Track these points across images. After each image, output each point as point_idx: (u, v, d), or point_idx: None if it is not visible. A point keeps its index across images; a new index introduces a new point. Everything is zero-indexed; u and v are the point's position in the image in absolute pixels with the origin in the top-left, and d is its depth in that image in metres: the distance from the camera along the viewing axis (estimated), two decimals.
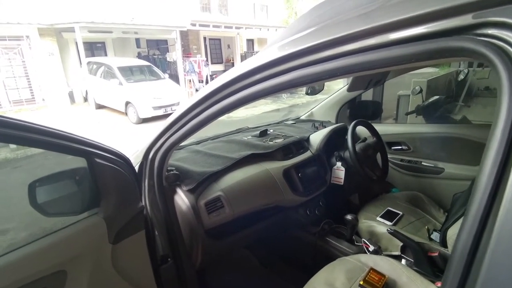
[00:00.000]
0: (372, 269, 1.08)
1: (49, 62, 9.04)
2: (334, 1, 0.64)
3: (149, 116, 7.40)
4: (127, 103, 7.63)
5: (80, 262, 0.80)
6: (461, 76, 2.84)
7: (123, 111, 7.87)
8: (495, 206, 0.38)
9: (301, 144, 1.65)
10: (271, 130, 1.78)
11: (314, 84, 0.98)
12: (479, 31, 0.41)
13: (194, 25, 11.81)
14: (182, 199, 1.15)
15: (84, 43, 9.00)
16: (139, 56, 11.73)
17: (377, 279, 1.04)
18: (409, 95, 3.22)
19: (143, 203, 1.02)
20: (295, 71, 0.63)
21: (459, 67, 4.45)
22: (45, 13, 8.52)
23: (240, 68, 0.73)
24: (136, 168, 1.03)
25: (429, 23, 0.45)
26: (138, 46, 12.24)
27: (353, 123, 1.61)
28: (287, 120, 2.14)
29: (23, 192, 0.78)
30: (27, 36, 8.55)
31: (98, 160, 0.83)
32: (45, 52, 8.94)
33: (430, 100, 2.27)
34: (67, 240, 0.78)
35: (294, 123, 2.05)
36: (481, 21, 0.40)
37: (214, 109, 0.82)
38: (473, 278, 0.39)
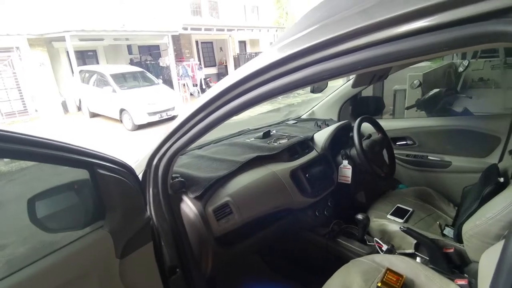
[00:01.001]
0: (388, 269, 1.05)
1: (41, 73, 8.94)
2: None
3: (145, 122, 7.34)
4: (121, 110, 7.56)
5: (87, 280, 0.76)
6: (461, 69, 2.83)
7: (118, 118, 7.79)
8: None
9: (306, 144, 1.61)
10: (274, 131, 1.74)
11: (324, 82, 0.95)
12: None
13: (185, 29, 11.77)
14: (189, 206, 1.10)
15: (75, 51, 8.91)
16: (132, 62, 11.65)
17: (394, 279, 1.01)
18: (405, 90, 3.20)
19: (149, 214, 0.98)
20: (301, 71, 0.60)
21: (452, 59, 4.45)
22: (34, 23, 8.43)
23: (244, 70, 0.70)
24: (140, 176, 0.99)
25: (462, 7, 0.41)
26: (130, 52, 12.16)
27: (358, 120, 1.58)
28: (288, 120, 2.11)
29: (20, 206, 0.74)
30: (17, 47, 8.45)
31: (100, 171, 0.79)
32: (36, 63, 8.84)
33: (431, 93, 2.25)
34: (72, 258, 0.74)
35: (296, 122, 2.02)
36: None
37: (219, 113, 0.78)
38: None
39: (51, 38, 8.94)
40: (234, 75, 0.74)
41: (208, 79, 12.28)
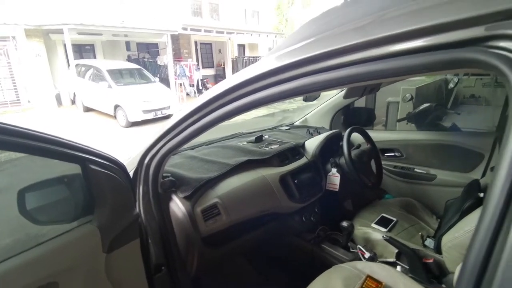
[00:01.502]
0: (369, 276, 1.07)
1: (36, 64, 8.83)
2: (337, 11, 0.65)
3: (139, 119, 7.30)
4: (116, 106, 7.52)
5: (73, 273, 0.77)
6: (451, 85, 2.91)
7: (112, 114, 7.74)
8: (508, 215, 0.38)
9: (297, 150, 1.64)
10: (266, 136, 1.77)
11: (316, 92, 0.99)
12: (491, 43, 0.41)
13: (185, 29, 11.78)
14: (178, 206, 1.12)
15: (73, 45, 8.84)
16: (129, 59, 11.60)
17: (374, 286, 1.04)
18: (398, 102, 3.27)
19: (138, 211, 0.99)
20: (294, 81, 0.62)
21: (446, 75, 4.56)
22: (32, 13, 8.34)
23: (240, 76, 0.73)
24: (131, 174, 1.01)
25: (440, 33, 0.45)
26: (128, 49, 12.11)
27: (348, 130, 1.62)
28: (281, 125, 2.14)
29: (9, 197, 0.75)
30: (13, 37, 8.34)
31: (92, 167, 0.80)
32: (31, 54, 8.74)
33: (421, 107, 2.31)
34: (59, 250, 0.75)
35: (289, 128, 2.05)
36: (494, 33, 0.41)
37: (212, 116, 0.81)
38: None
39: (49, 30, 8.86)
40: (230, 80, 0.76)
41: (205, 80, 12.30)
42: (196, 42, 14.04)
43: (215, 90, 0.80)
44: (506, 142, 0.39)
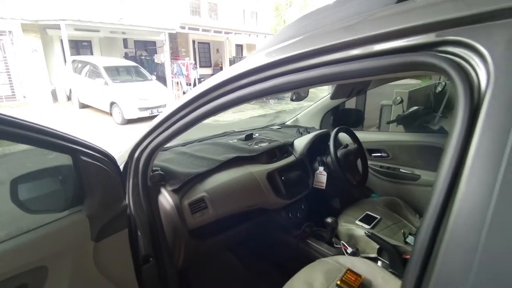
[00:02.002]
0: (349, 269, 1.12)
1: (32, 59, 8.79)
2: (317, 14, 0.69)
3: (135, 117, 7.30)
4: (112, 104, 7.51)
5: (62, 258, 0.80)
6: (439, 88, 2.97)
7: (108, 111, 7.73)
8: (448, 207, 0.42)
9: (285, 149, 1.69)
10: (257, 134, 1.82)
11: (298, 90, 1.03)
12: (440, 48, 0.46)
13: (183, 28, 11.79)
14: (166, 198, 1.16)
15: (70, 41, 8.82)
16: (126, 56, 11.57)
17: (353, 279, 1.08)
18: (392, 105, 3.33)
19: (127, 202, 1.03)
20: (280, 77, 0.66)
21: (439, 79, 4.64)
22: (29, 8, 8.30)
23: (228, 72, 0.76)
24: (121, 167, 1.04)
25: (400, 39, 0.50)
26: (125, 46, 12.09)
27: (335, 129, 1.67)
28: (272, 125, 2.19)
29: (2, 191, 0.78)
30: (10, 31, 8.31)
31: (83, 158, 0.83)
32: (28, 49, 8.70)
33: (409, 110, 2.37)
34: (49, 236, 0.78)
35: (280, 128, 2.10)
36: (442, 39, 0.45)
37: (201, 111, 0.84)
38: (430, 272, 0.43)
39: (46, 25, 8.82)
40: (217, 77, 0.80)
41: (202, 79, 12.30)
42: (194, 41, 14.05)
43: (202, 86, 0.84)
44: (449, 141, 0.44)
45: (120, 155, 1.10)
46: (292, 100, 1.64)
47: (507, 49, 0.40)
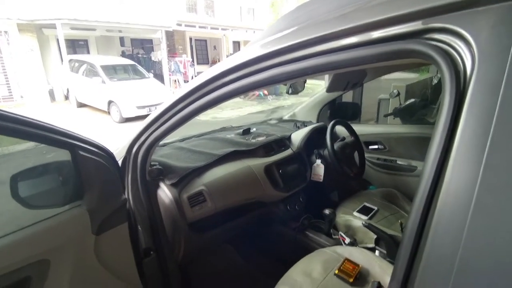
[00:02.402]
0: (347, 259, 1.13)
1: (29, 59, 8.75)
2: (306, 7, 0.70)
3: (133, 115, 7.28)
4: (110, 102, 7.49)
5: (64, 252, 0.82)
6: (435, 81, 2.99)
7: (106, 110, 7.72)
8: (435, 196, 0.43)
9: (283, 142, 1.70)
10: (254, 129, 1.83)
11: (293, 81, 1.04)
12: (427, 36, 0.47)
13: (180, 25, 11.74)
14: (165, 193, 1.17)
15: (66, 40, 8.78)
16: (123, 54, 11.54)
17: (351, 268, 1.10)
18: (389, 99, 3.35)
19: (126, 196, 1.04)
20: (275, 68, 0.67)
21: (437, 73, 4.65)
22: (25, 8, 8.25)
23: (223, 65, 0.77)
24: (120, 162, 1.05)
25: (388, 27, 0.51)
26: (122, 44, 12.04)
27: (331, 122, 1.69)
28: (270, 119, 2.20)
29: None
30: (6, 32, 8.26)
31: (82, 153, 0.84)
32: (24, 48, 8.66)
33: (406, 103, 2.38)
34: (51, 230, 0.79)
35: (277, 122, 2.11)
36: (429, 26, 0.46)
37: (196, 104, 0.85)
38: (418, 260, 0.44)
39: (42, 24, 8.78)
40: (212, 70, 0.80)
41: None
42: (191, 39, 14.00)
43: (197, 80, 0.84)
44: (436, 126, 0.45)
45: (118, 150, 1.11)
46: (288, 93, 1.65)
47: (491, 34, 0.41)
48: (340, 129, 1.86)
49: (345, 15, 0.56)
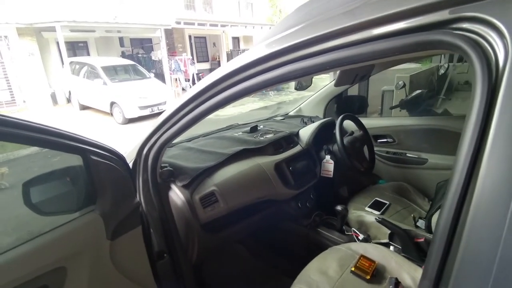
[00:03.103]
0: (362, 256, 1.12)
1: (29, 63, 8.76)
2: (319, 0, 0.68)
3: (136, 116, 7.30)
4: (112, 103, 7.50)
5: (80, 259, 0.81)
6: (442, 71, 2.95)
7: (108, 111, 7.73)
8: (470, 190, 0.41)
9: (291, 139, 1.69)
10: (261, 126, 1.81)
11: (303, 78, 1.02)
12: (455, 25, 0.45)
13: (178, 23, 11.69)
14: (177, 194, 1.16)
15: (66, 42, 8.77)
16: (123, 55, 11.52)
17: (367, 265, 1.09)
18: (393, 90, 3.31)
19: (138, 200, 1.03)
20: (284, 67, 0.66)
21: (440, 62, 4.59)
22: (23, 12, 8.24)
23: (231, 65, 0.76)
24: (130, 165, 1.04)
25: (411, 18, 0.49)
26: (122, 45, 12.02)
27: (340, 117, 1.66)
28: (276, 116, 2.18)
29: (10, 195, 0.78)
30: (5, 36, 8.27)
31: (93, 158, 0.84)
32: (24, 53, 8.66)
33: (413, 94, 2.35)
34: (66, 237, 0.79)
35: (283, 119, 2.09)
36: (457, 16, 0.44)
37: (206, 105, 0.84)
38: (453, 257, 0.43)
39: (41, 28, 8.77)
40: (221, 70, 0.79)
41: (200, 74, 12.24)
42: (190, 36, 13.94)
43: (206, 80, 0.83)
44: (467, 121, 0.43)
45: (128, 153, 1.10)
46: (296, 89, 1.63)
47: None
48: (348, 123, 1.84)
49: (365, 5, 0.53)
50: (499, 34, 0.41)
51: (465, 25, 0.44)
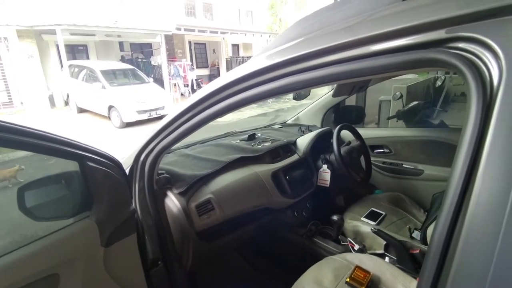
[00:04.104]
0: (357, 266, 1.12)
1: (28, 65, 8.76)
2: (320, 14, 0.69)
3: (133, 120, 7.29)
4: (110, 107, 7.50)
5: (73, 265, 0.80)
6: (439, 83, 2.98)
7: (106, 115, 7.72)
8: (465, 203, 0.42)
9: (289, 148, 1.69)
10: (259, 134, 1.82)
11: (301, 90, 1.03)
12: (451, 45, 0.46)
13: (179, 29, 11.77)
14: (173, 201, 1.16)
15: (66, 45, 8.77)
16: (123, 59, 11.55)
17: (362, 276, 1.09)
18: (390, 100, 3.34)
19: (134, 207, 1.03)
20: (283, 79, 0.67)
21: (437, 73, 4.65)
22: (24, 14, 8.27)
23: (231, 75, 0.77)
24: (127, 171, 1.04)
25: (409, 36, 0.50)
26: (121, 49, 12.05)
27: (338, 127, 1.67)
28: (274, 124, 2.19)
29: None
30: (5, 38, 8.27)
31: (90, 164, 0.83)
32: (24, 55, 8.66)
33: (410, 105, 2.38)
34: (59, 244, 0.78)
35: (281, 127, 2.10)
36: (453, 35, 0.45)
37: (205, 114, 0.84)
38: (447, 269, 0.43)
39: (41, 30, 8.79)
40: (221, 79, 0.80)
41: (199, 80, 12.29)
42: (190, 42, 14.03)
43: (206, 89, 0.84)
44: (462, 138, 0.44)
45: (125, 159, 1.10)
46: (294, 98, 1.65)
47: None
48: (345, 133, 1.85)
49: (364, 22, 0.55)
50: (494, 54, 0.42)
51: (461, 45, 0.45)
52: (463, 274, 0.41)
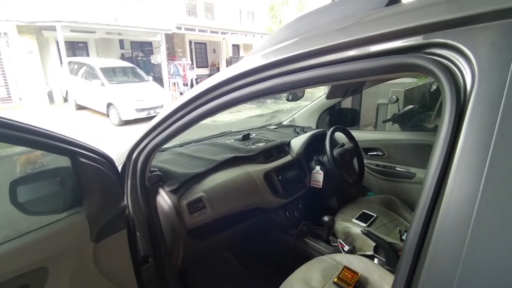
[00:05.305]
0: (346, 267, 1.13)
1: (28, 61, 8.75)
2: (305, 19, 0.71)
3: (132, 118, 7.29)
4: (109, 105, 7.50)
5: (62, 259, 0.81)
6: (434, 87, 3.00)
7: (105, 112, 7.72)
8: (437, 204, 0.44)
9: (282, 148, 1.70)
10: (254, 134, 1.83)
11: (293, 91, 1.05)
12: (428, 50, 0.48)
13: (179, 28, 11.79)
14: (164, 199, 1.17)
15: (66, 42, 8.78)
16: (123, 57, 11.55)
17: (350, 276, 1.10)
18: (388, 104, 3.35)
19: (126, 203, 1.04)
20: (276, 79, 0.68)
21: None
22: (24, 10, 8.26)
23: (224, 73, 0.78)
24: (119, 168, 1.05)
25: (389, 41, 0.51)
26: (121, 47, 12.05)
27: (331, 129, 1.69)
28: (269, 125, 2.20)
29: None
30: (5, 33, 8.27)
31: (82, 160, 0.84)
32: (23, 50, 8.66)
33: (405, 109, 2.39)
34: (49, 238, 0.79)
35: (276, 128, 2.11)
36: (429, 41, 0.47)
37: (198, 112, 0.85)
38: (421, 264, 0.44)
39: (41, 26, 8.78)
40: (214, 78, 0.80)
41: (199, 80, 12.28)
42: (190, 42, 14.04)
43: (199, 87, 0.85)
44: (437, 140, 0.45)
45: (118, 156, 1.10)
46: (288, 100, 1.66)
47: (491, 50, 0.42)
48: (340, 136, 1.87)
49: (347, 28, 0.56)
50: (467, 60, 0.44)
51: (437, 51, 0.47)
52: (433, 273, 0.43)
